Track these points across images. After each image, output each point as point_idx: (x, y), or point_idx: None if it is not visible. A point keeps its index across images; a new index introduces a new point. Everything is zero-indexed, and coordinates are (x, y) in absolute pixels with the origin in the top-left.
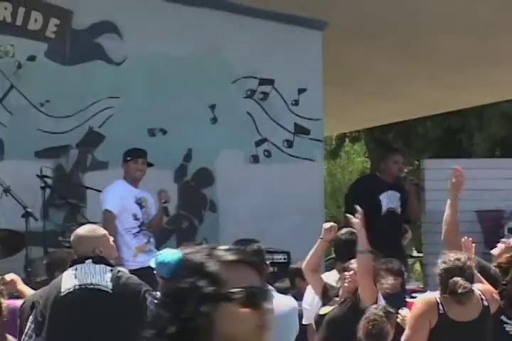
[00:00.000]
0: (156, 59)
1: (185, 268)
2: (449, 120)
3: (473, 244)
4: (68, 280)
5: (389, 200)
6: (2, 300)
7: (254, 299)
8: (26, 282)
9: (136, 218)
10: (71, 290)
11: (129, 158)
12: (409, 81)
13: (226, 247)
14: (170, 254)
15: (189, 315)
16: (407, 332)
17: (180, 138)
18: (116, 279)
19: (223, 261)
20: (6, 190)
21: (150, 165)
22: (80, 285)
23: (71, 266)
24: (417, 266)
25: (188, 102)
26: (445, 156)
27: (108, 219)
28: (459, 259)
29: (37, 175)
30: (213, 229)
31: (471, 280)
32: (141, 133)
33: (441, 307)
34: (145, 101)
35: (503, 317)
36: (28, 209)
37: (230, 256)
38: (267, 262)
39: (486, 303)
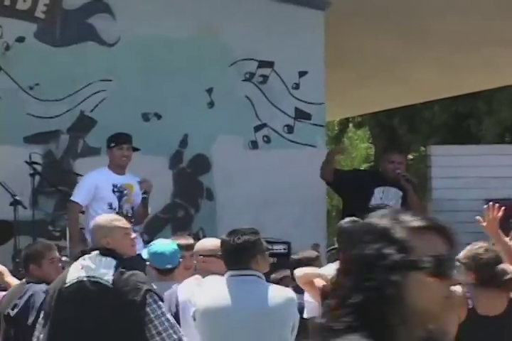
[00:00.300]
0: (150, 40)
1: (370, 234)
2: (456, 104)
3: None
4: (74, 271)
5: (384, 196)
6: None
7: (443, 268)
8: (14, 273)
9: (111, 207)
10: (74, 281)
11: (113, 144)
12: (413, 64)
13: (411, 213)
14: (164, 244)
15: (376, 284)
16: None
17: (175, 123)
18: (118, 274)
19: (411, 227)
20: None
21: (136, 149)
22: (83, 277)
23: (81, 257)
24: None
25: (184, 85)
26: (453, 142)
27: (71, 210)
28: (489, 249)
29: (26, 162)
30: (210, 219)
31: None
32: (134, 118)
33: (469, 301)
34: (139, 84)
35: None
36: (17, 197)
37: (418, 222)
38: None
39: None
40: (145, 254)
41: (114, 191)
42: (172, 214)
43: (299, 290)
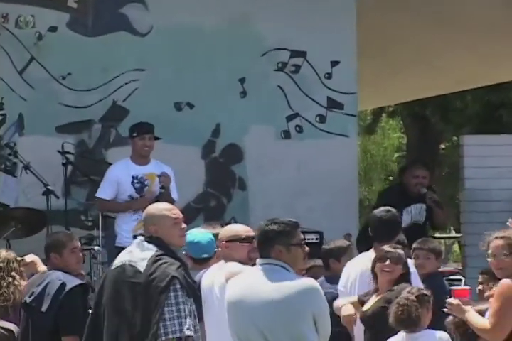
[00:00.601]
0: (182, 30)
1: None
2: (489, 94)
3: None
4: (123, 255)
5: (411, 214)
6: (22, 282)
7: None
8: (47, 263)
9: (132, 198)
10: (119, 264)
11: (135, 134)
12: (447, 53)
13: None
14: (200, 234)
15: None
16: (495, 319)
17: (208, 113)
18: (152, 261)
19: None
20: (26, 167)
21: (157, 138)
22: (126, 260)
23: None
24: (456, 247)
25: (217, 75)
26: (485, 132)
27: (100, 206)
28: None
29: (58, 151)
30: (242, 208)
31: None
32: (167, 108)
33: None
34: (171, 74)
35: None
36: (49, 187)
37: None
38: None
39: None
40: None
41: (133, 183)
42: (204, 204)
43: (331, 281)
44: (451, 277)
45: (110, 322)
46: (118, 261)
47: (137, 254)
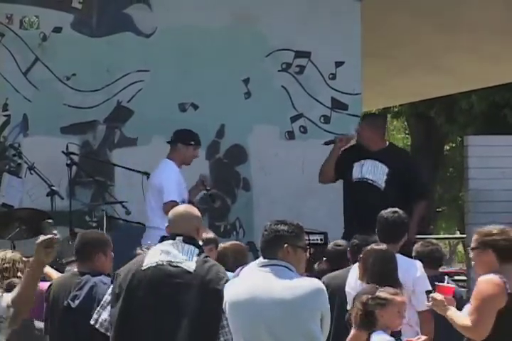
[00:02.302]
0: (187, 30)
1: None
2: (494, 94)
3: None
4: (153, 255)
5: (363, 170)
6: None
7: None
8: (51, 264)
9: (184, 202)
10: (153, 265)
11: (192, 143)
12: (452, 53)
13: None
14: None
15: None
16: (475, 316)
17: (212, 114)
18: (201, 262)
19: None
20: (31, 168)
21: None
22: (163, 261)
23: (160, 242)
24: (460, 248)
25: (221, 76)
26: (489, 132)
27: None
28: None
29: (63, 152)
30: (247, 209)
31: None
32: (171, 108)
33: (508, 286)
34: (176, 74)
35: None
36: (54, 188)
37: None
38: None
39: None
40: None
41: (186, 187)
42: (209, 205)
43: None
44: (456, 278)
45: (153, 324)
46: (149, 261)
47: (178, 255)
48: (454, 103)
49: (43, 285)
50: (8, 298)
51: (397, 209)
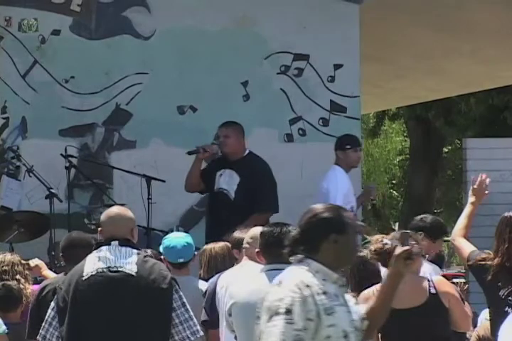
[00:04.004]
0: (185, 33)
1: None
2: (492, 97)
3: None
4: (91, 263)
5: (221, 180)
6: (27, 285)
7: None
8: (50, 266)
9: (352, 210)
10: (93, 273)
11: (348, 147)
12: (450, 56)
13: None
14: (176, 238)
15: None
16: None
17: (210, 116)
18: (142, 263)
19: None
20: (29, 170)
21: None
22: (103, 268)
23: (96, 249)
24: None
25: (220, 78)
26: (488, 135)
27: None
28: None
29: (61, 155)
30: None
31: None
32: (170, 111)
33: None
34: (174, 77)
35: None
36: (52, 190)
37: None
38: None
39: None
40: (161, 248)
41: (354, 194)
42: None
43: None
44: (455, 280)
45: (105, 334)
46: (88, 270)
47: (117, 259)
48: (453, 105)
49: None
50: None
51: (428, 214)
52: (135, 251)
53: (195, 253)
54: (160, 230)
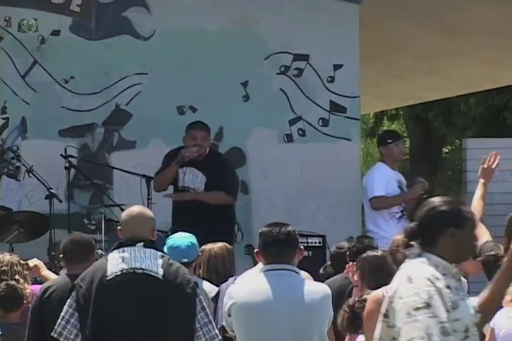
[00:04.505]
0: (185, 34)
1: None
2: (492, 97)
3: None
4: (115, 263)
5: (185, 178)
6: (26, 285)
7: None
8: (50, 267)
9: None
10: (118, 273)
11: (389, 141)
12: (450, 56)
13: None
14: (180, 238)
15: None
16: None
17: (210, 117)
18: (167, 266)
19: None
20: (29, 171)
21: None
22: (128, 269)
23: (117, 248)
24: None
25: (219, 79)
26: (488, 135)
27: (378, 205)
28: None
29: (61, 155)
30: (245, 212)
31: None
32: (170, 111)
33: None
34: (174, 77)
35: None
36: (52, 191)
37: None
38: (301, 246)
39: None
40: (165, 248)
41: (399, 187)
42: None
43: None
44: None
45: (129, 336)
46: (112, 270)
47: (142, 261)
48: (453, 106)
49: (38, 289)
50: None
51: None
52: (159, 253)
53: (200, 253)
54: (160, 230)
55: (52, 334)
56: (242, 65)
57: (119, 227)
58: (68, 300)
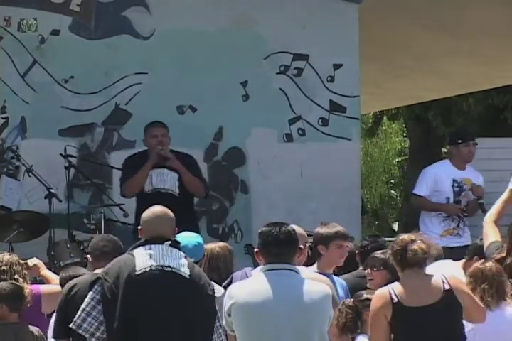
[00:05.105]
0: (185, 33)
1: None
2: (492, 97)
3: None
4: (143, 259)
5: (153, 180)
6: (25, 285)
7: None
8: (50, 266)
9: (448, 201)
10: (147, 269)
11: (460, 141)
12: (449, 56)
13: None
14: (187, 237)
15: None
16: (370, 333)
17: (210, 116)
18: (192, 266)
19: None
20: (29, 170)
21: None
22: (156, 266)
23: (142, 245)
24: None
25: (219, 78)
26: (488, 135)
27: (415, 203)
28: None
29: (61, 155)
30: (245, 211)
31: None
32: (169, 111)
33: (394, 296)
34: (174, 77)
35: None
36: (52, 190)
37: None
38: (301, 246)
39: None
40: None
41: (453, 186)
42: (207, 207)
43: None
44: None
45: (154, 331)
46: (141, 265)
47: (171, 259)
48: (452, 105)
49: (37, 288)
50: None
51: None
52: (182, 253)
53: (205, 254)
54: None
55: (71, 325)
56: (242, 65)
57: (139, 227)
58: (90, 293)
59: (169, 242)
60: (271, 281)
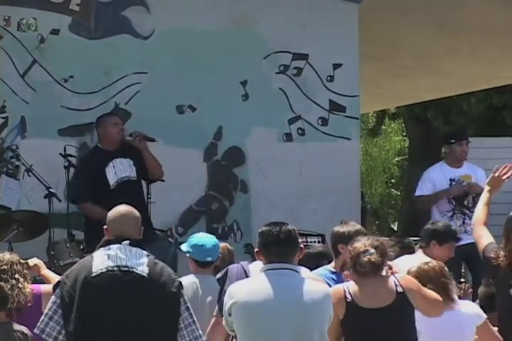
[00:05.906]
0: (185, 33)
1: None
2: (491, 96)
3: None
4: (100, 260)
5: (117, 171)
6: (26, 284)
7: None
8: (49, 266)
9: (449, 201)
10: (103, 271)
11: (453, 141)
12: (449, 56)
13: None
14: (204, 237)
15: None
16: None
17: (210, 116)
18: (152, 265)
19: None
20: (29, 170)
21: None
22: (113, 266)
23: (103, 246)
24: None
25: (219, 78)
26: (487, 134)
27: (419, 204)
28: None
29: (60, 154)
30: (244, 211)
31: None
32: (169, 110)
33: (348, 295)
34: (173, 76)
35: None
36: (51, 190)
37: None
38: (301, 245)
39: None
40: (184, 247)
41: (451, 185)
42: (206, 207)
43: None
44: None
45: (113, 333)
46: (97, 267)
47: (128, 259)
48: (452, 105)
49: (38, 288)
50: None
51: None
52: (145, 252)
53: (220, 255)
54: (159, 229)
55: (35, 330)
56: (242, 65)
57: (105, 226)
58: (52, 297)
59: (128, 241)
60: (271, 281)
